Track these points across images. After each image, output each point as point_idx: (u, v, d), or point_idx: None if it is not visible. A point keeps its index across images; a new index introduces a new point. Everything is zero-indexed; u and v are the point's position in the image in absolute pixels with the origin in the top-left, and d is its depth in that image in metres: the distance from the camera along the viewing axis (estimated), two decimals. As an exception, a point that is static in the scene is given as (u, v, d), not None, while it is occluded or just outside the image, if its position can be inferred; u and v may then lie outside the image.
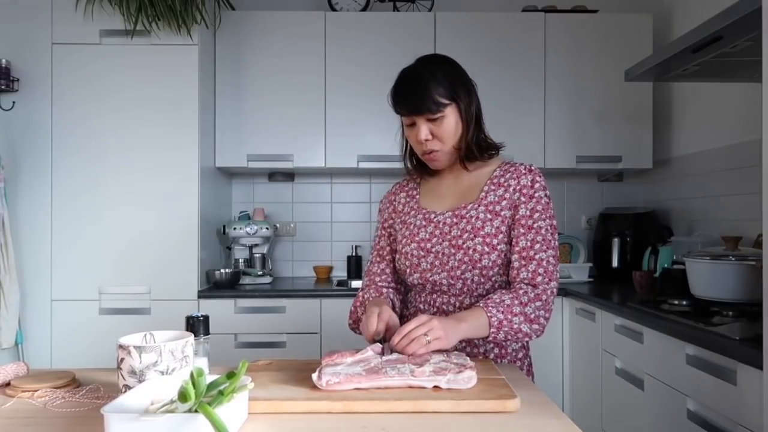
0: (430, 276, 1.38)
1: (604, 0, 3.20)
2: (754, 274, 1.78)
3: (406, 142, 1.45)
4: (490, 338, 1.25)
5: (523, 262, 1.33)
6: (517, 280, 1.33)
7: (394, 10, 3.09)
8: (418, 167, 1.48)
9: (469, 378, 1.02)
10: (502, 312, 1.25)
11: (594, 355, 2.41)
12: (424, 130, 1.34)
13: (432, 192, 1.48)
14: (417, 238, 1.40)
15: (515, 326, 1.25)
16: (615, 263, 2.98)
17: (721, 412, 1.53)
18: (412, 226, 1.43)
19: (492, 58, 2.95)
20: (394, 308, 1.43)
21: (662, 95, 3.08)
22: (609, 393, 2.29)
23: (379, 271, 1.51)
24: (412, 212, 1.46)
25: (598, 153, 3.00)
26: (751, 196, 2.37)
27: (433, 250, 1.38)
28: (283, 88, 2.94)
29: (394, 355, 1.15)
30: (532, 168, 1.43)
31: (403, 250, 1.42)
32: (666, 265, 2.44)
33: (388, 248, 1.52)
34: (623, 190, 3.34)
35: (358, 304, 1.47)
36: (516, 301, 1.27)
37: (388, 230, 1.52)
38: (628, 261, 2.93)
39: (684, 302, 2.01)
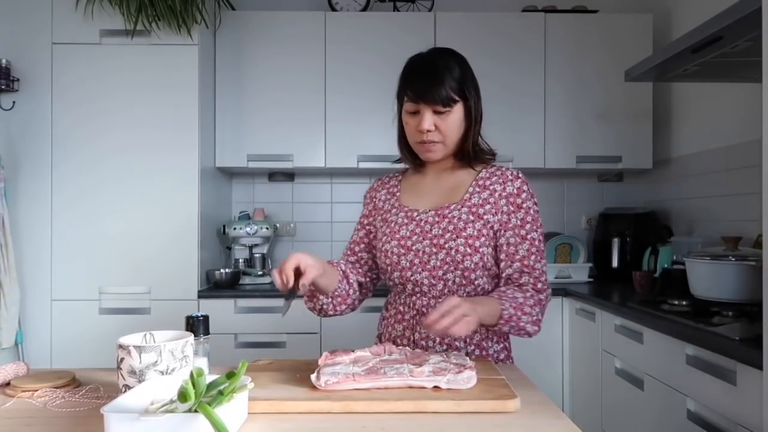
0: (411, 275, 1.36)
1: (604, 0, 3.20)
2: (754, 274, 1.78)
3: (401, 129, 1.42)
4: (496, 329, 1.26)
5: (526, 270, 1.34)
6: (518, 284, 1.35)
7: (394, 10, 3.09)
8: (409, 157, 1.45)
9: (468, 378, 1.02)
10: (514, 308, 1.26)
11: (594, 355, 2.41)
12: (428, 119, 1.31)
13: (414, 189, 1.46)
14: (397, 236, 1.38)
15: (521, 324, 1.27)
16: (615, 263, 2.98)
17: (721, 412, 1.53)
18: (393, 224, 1.41)
19: (492, 58, 2.94)
20: (347, 282, 1.38)
21: (662, 95, 3.08)
22: (609, 393, 2.29)
23: (346, 264, 1.47)
24: (393, 210, 1.44)
25: (598, 153, 3.00)
26: (751, 196, 2.37)
27: (414, 248, 1.36)
28: (283, 87, 2.94)
29: (394, 355, 1.15)
30: (519, 174, 1.41)
31: (384, 248, 1.40)
32: (666, 266, 2.44)
33: (362, 244, 1.49)
34: (623, 190, 3.34)
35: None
36: (529, 301, 1.29)
37: (367, 227, 1.50)
38: (628, 261, 2.93)
39: (684, 302, 2.00)
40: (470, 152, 1.39)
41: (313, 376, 1.03)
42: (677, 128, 2.98)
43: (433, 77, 1.30)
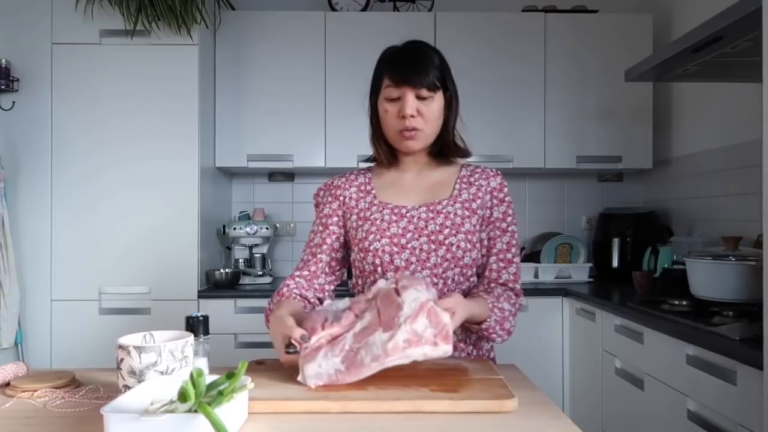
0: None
1: (604, 0, 3.20)
2: (754, 274, 1.78)
3: (377, 124, 1.41)
4: (468, 327, 1.26)
5: (502, 264, 1.34)
6: (499, 282, 1.33)
7: (394, 10, 3.09)
8: (386, 152, 1.41)
9: (445, 353, 1.01)
10: (496, 321, 1.25)
11: (594, 355, 2.41)
12: (411, 104, 1.28)
13: (392, 186, 1.40)
14: (388, 233, 1.31)
15: (492, 336, 1.26)
16: (615, 263, 2.97)
17: (721, 412, 1.53)
18: (378, 221, 1.33)
19: (492, 58, 2.94)
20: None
21: (662, 95, 3.08)
22: (609, 393, 2.29)
23: (308, 274, 1.37)
24: (373, 207, 1.36)
25: (598, 153, 3.00)
26: (751, 196, 2.37)
27: (409, 246, 1.30)
28: (283, 88, 2.94)
29: (366, 318, 1.08)
30: (499, 172, 1.42)
31: (371, 247, 1.31)
32: (666, 266, 2.44)
33: (325, 246, 1.39)
34: (623, 190, 3.34)
35: (272, 306, 1.30)
36: (511, 312, 1.29)
37: (331, 227, 1.41)
38: (628, 261, 2.93)
39: (684, 302, 2.01)
40: (450, 145, 1.37)
41: (300, 377, 1.03)
42: (677, 128, 2.98)
43: (417, 62, 1.29)
